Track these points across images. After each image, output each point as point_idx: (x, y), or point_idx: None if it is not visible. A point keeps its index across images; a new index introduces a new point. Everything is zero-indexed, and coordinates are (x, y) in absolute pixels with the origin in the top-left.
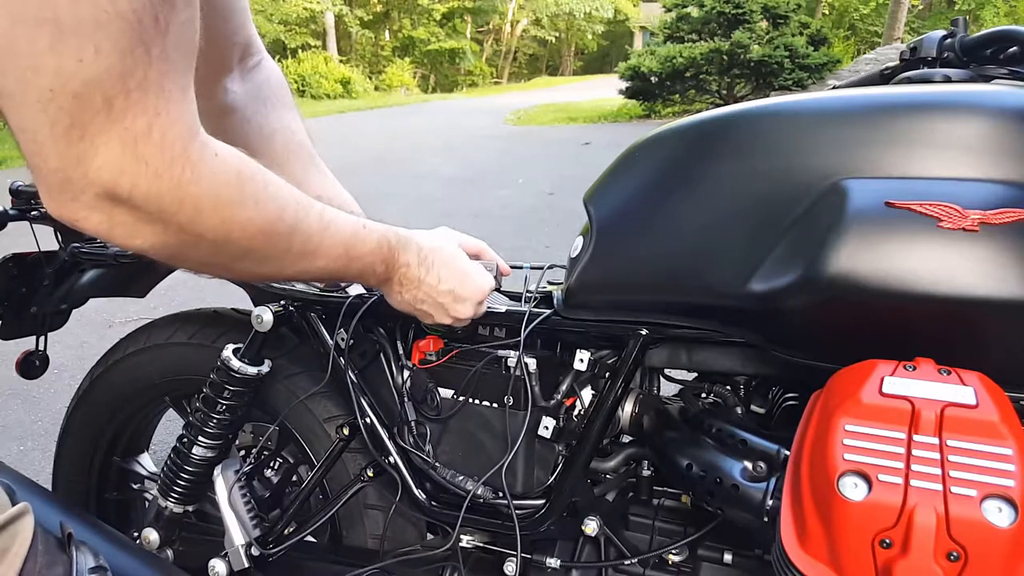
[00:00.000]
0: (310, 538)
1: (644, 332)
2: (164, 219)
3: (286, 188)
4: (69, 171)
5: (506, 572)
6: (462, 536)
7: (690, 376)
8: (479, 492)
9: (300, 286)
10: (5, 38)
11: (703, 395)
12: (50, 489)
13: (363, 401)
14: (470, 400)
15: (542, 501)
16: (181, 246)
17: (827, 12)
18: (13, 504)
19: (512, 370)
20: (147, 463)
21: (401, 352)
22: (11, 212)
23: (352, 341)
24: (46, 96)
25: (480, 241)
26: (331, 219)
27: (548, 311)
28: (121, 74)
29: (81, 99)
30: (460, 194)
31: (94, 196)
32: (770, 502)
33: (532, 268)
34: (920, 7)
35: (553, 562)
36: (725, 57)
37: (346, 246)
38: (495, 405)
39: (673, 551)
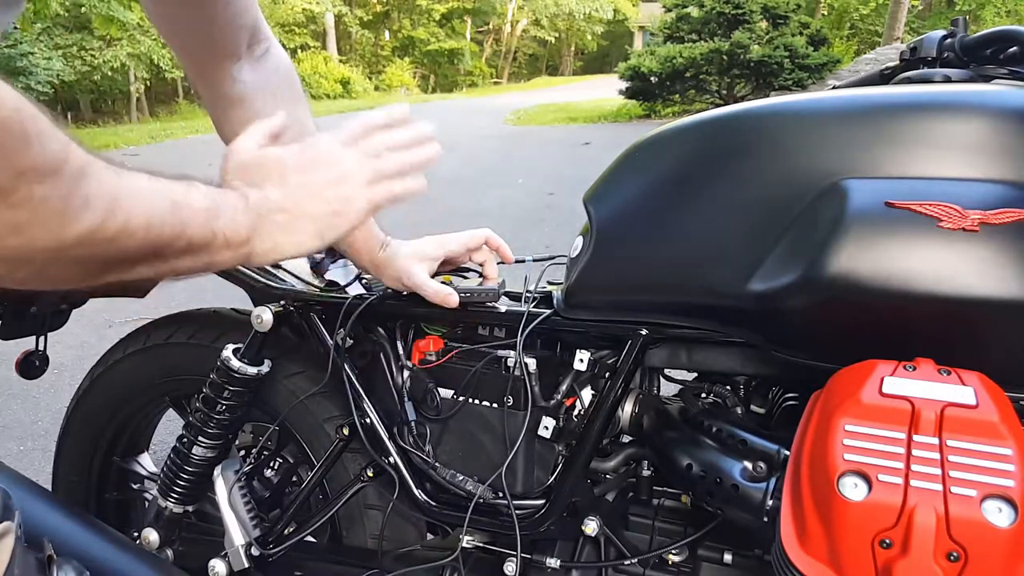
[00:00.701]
0: (310, 538)
1: (644, 332)
2: None
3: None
4: None
5: (506, 572)
6: (462, 536)
7: (690, 376)
8: (480, 493)
9: (300, 286)
10: None
11: (703, 395)
12: (50, 489)
13: (363, 401)
14: (470, 400)
15: (542, 501)
16: None
17: (827, 12)
18: (5, 514)
19: (512, 370)
20: (147, 463)
21: (401, 352)
22: None
23: (352, 341)
24: None
25: (483, 230)
26: (122, 168)
27: (548, 311)
28: None
29: None
30: (460, 194)
31: None
32: (770, 502)
33: (535, 260)
34: (920, 7)
35: (553, 562)
36: (725, 57)
37: (150, 188)
38: (495, 405)
39: (673, 551)
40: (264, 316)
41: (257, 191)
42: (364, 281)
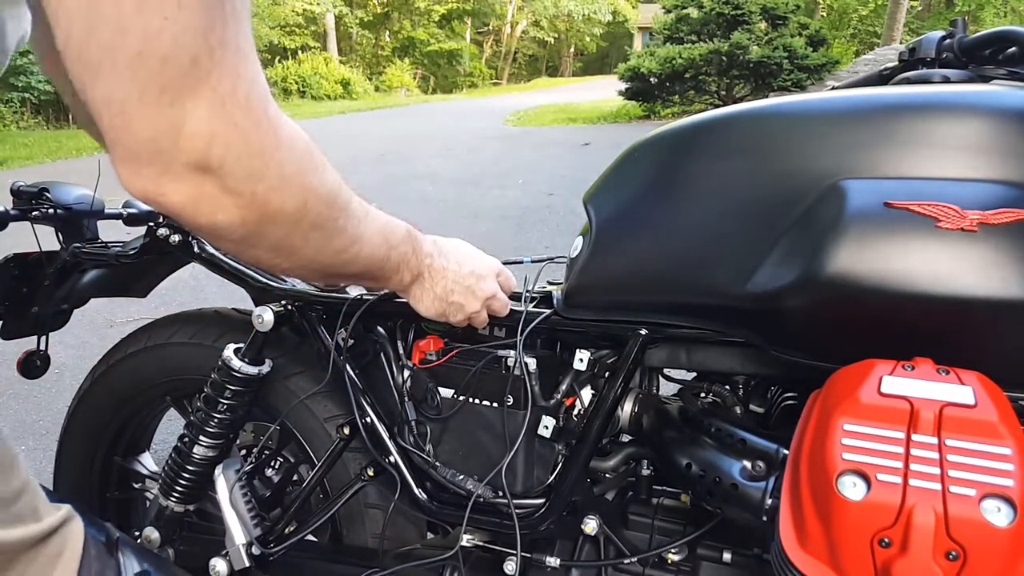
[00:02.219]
0: (311, 537)
1: (644, 332)
2: (251, 188)
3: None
4: (160, 140)
5: (506, 571)
6: (462, 535)
7: (689, 376)
8: (480, 492)
9: (301, 285)
10: (88, 4)
11: (702, 395)
12: (51, 489)
13: (363, 401)
14: (470, 400)
15: (542, 500)
16: (260, 223)
17: (826, 13)
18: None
19: (512, 370)
20: (148, 462)
21: (401, 352)
22: (12, 212)
23: (352, 341)
24: (135, 60)
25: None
26: (366, 204)
27: (547, 311)
28: (204, 30)
29: (169, 61)
30: (460, 194)
31: (184, 166)
32: (769, 501)
33: (534, 260)
34: (919, 8)
35: (553, 561)
36: (724, 58)
37: (383, 232)
38: (495, 405)
39: (672, 550)
40: (265, 316)
41: (440, 256)
42: None
